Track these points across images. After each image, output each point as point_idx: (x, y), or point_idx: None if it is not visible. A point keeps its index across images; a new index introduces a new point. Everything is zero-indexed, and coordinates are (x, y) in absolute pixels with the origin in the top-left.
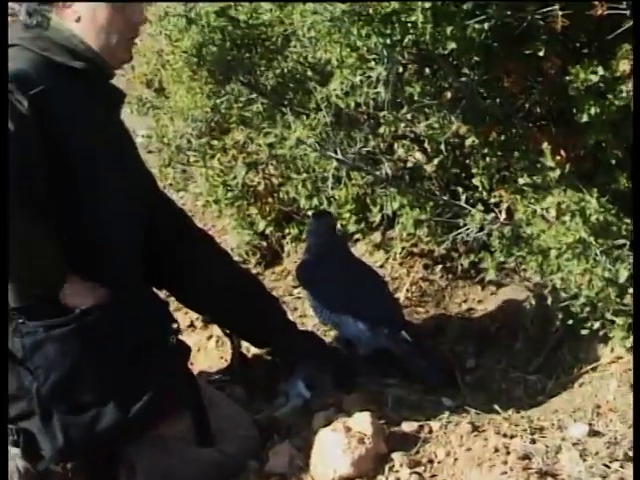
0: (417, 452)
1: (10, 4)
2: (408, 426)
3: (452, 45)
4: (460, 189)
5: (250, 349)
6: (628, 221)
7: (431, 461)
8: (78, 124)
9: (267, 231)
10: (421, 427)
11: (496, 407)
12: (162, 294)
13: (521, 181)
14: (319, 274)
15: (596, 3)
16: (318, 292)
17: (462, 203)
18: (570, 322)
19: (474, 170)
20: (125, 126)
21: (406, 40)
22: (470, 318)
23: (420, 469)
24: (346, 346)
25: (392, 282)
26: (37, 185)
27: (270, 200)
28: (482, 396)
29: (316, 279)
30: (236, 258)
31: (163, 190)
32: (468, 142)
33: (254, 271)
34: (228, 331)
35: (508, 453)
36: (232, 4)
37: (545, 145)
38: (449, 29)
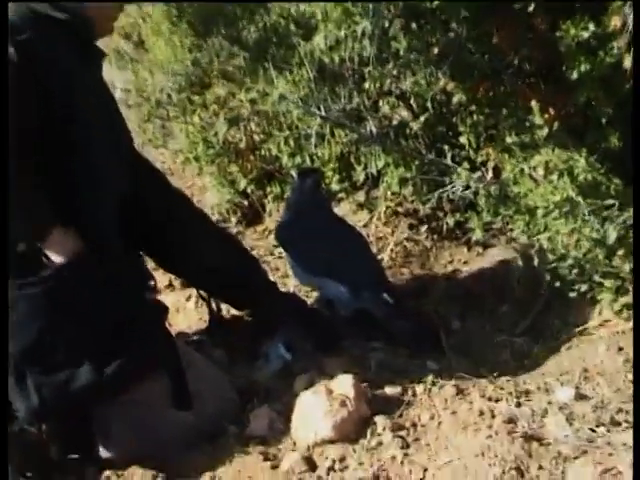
0: (400, 415)
1: None
2: (391, 389)
3: None
4: (446, 147)
5: (230, 310)
6: (617, 181)
7: (415, 425)
8: (63, 73)
9: (248, 189)
10: (405, 390)
11: (481, 370)
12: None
13: (509, 139)
14: (299, 234)
15: None
16: (298, 252)
17: (448, 161)
18: (557, 284)
19: (461, 128)
20: (105, 83)
21: None
22: (455, 279)
23: (403, 433)
24: (327, 307)
25: (376, 242)
26: (25, 132)
27: (252, 157)
28: (467, 359)
29: (296, 239)
30: (216, 217)
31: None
32: (455, 99)
33: (234, 230)
34: (205, 293)
35: (493, 417)
36: None
37: (534, 102)
38: None
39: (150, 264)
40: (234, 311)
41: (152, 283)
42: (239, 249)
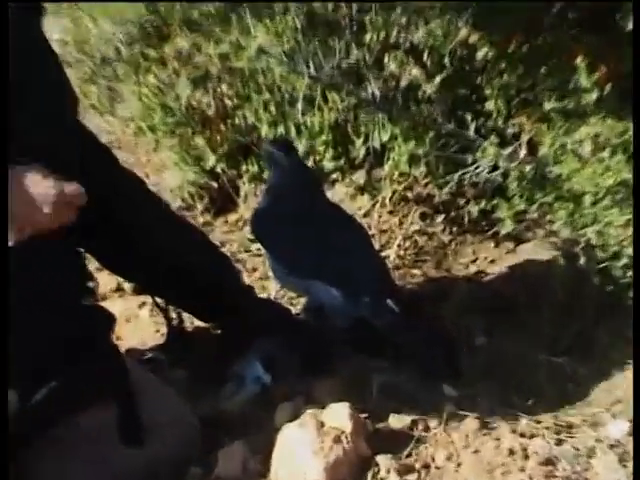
0: (409, 455)
1: None
2: (398, 421)
3: None
4: (469, 116)
5: (194, 321)
6: None
7: (427, 466)
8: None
9: (218, 168)
10: (415, 423)
11: (512, 398)
12: None
13: (548, 106)
14: (280, 224)
15: None
16: (280, 248)
17: (471, 134)
18: (609, 289)
19: (487, 91)
20: (45, 37)
21: None
22: (480, 283)
23: (413, 476)
24: (317, 317)
25: (380, 236)
26: None
27: (222, 127)
28: (494, 384)
29: (277, 231)
30: (177, 203)
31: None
32: (480, 54)
33: (200, 220)
34: (162, 300)
35: (527, 457)
36: None
37: (580, 59)
38: None
39: (92, 264)
40: (199, 322)
41: (93, 286)
42: (206, 244)
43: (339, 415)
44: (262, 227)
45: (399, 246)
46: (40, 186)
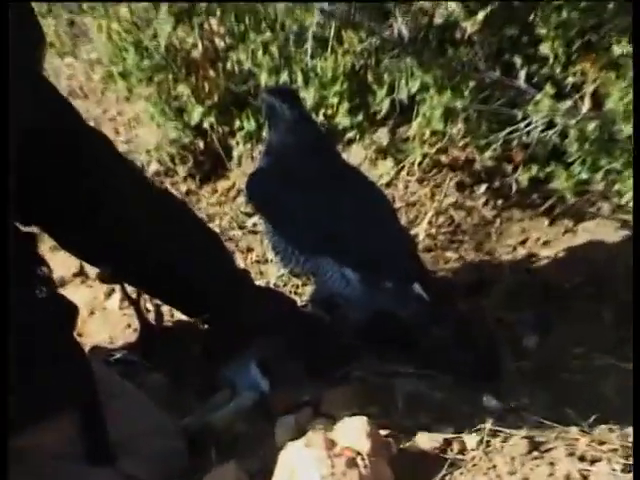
0: None
1: None
2: (428, 440)
3: None
4: (518, 60)
5: (174, 314)
6: None
7: None
8: None
9: (206, 123)
10: (448, 443)
11: (569, 413)
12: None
13: (617, 49)
14: (284, 191)
15: None
16: (282, 220)
17: (521, 83)
18: None
19: (542, 30)
20: None
21: None
22: (530, 270)
23: None
24: (327, 308)
25: (406, 210)
26: None
27: (212, 74)
28: (547, 394)
29: (279, 199)
30: (154, 167)
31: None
32: None
33: (183, 188)
34: (134, 288)
35: None
36: None
37: None
38: None
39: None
40: (180, 315)
41: (44, 271)
42: (190, 219)
43: (354, 432)
44: (261, 194)
45: (430, 223)
46: None
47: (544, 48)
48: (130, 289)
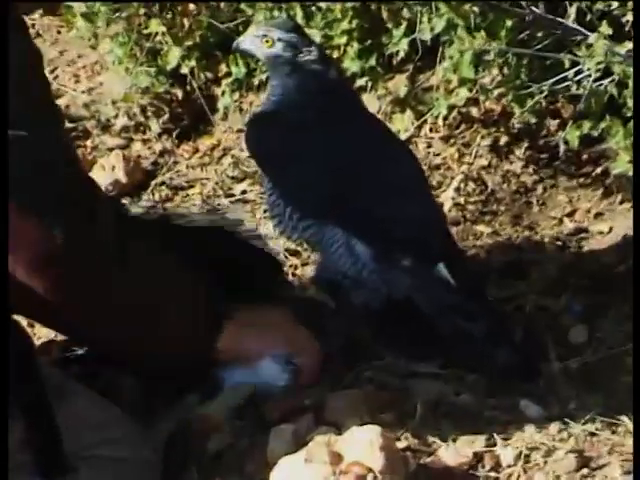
0: None
1: None
2: (454, 455)
3: None
4: None
5: None
6: None
7: None
8: None
9: (184, 68)
10: (479, 457)
11: (625, 420)
12: None
13: None
14: (290, 141)
15: None
16: (284, 174)
17: (570, 22)
18: None
19: None
20: None
21: None
22: (579, 248)
23: None
24: (333, 292)
25: (429, 174)
26: None
27: (191, 8)
28: (598, 400)
29: (283, 147)
30: (123, 120)
31: None
32: None
33: (157, 147)
34: None
35: None
36: None
37: None
38: None
39: None
40: None
41: None
42: None
43: (364, 444)
44: (262, 141)
45: (458, 190)
46: None
47: None
48: None
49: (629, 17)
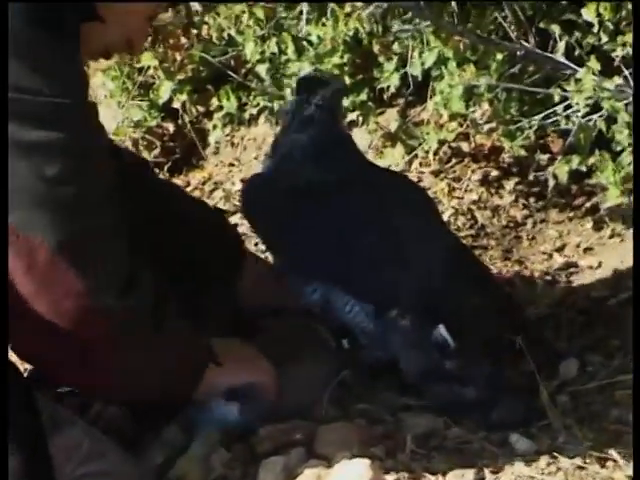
0: None
1: None
2: None
3: None
4: (556, 28)
5: None
6: None
7: None
8: None
9: (176, 102)
10: None
11: (614, 455)
12: None
13: None
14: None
15: None
16: (284, 240)
17: (559, 56)
18: None
19: None
20: None
21: None
22: (569, 282)
23: None
24: (338, 336)
25: None
26: None
27: (184, 41)
28: (588, 433)
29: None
30: None
31: None
32: None
33: None
34: None
35: None
36: None
37: None
38: None
39: None
40: None
41: None
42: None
43: (354, 477)
44: (259, 205)
45: (448, 225)
46: None
47: (587, 13)
48: None
49: (619, 52)
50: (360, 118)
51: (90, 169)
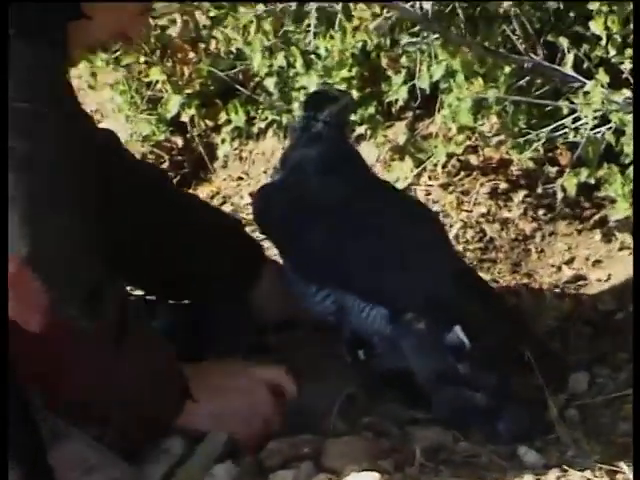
0: None
1: None
2: None
3: None
4: (564, 41)
5: None
6: None
7: None
8: None
9: (184, 117)
10: None
11: (623, 468)
12: None
13: None
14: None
15: None
16: (297, 248)
17: (567, 69)
18: None
19: (593, 5)
20: None
21: None
22: (578, 295)
23: None
24: (352, 348)
25: None
26: None
27: (192, 55)
28: (597, 446)
29: (294, 223)
30: None
31: None
32: None
33: None
34: None
35: None
36: None
37: None
38: None
39: None
40: None
41: None
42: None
43: None
44: (273, 212)
45: (457, 238)
46: None
47: (595, 25)
48: None
49: (627, 65)
50: (368, 131)
51: (58, 181)
